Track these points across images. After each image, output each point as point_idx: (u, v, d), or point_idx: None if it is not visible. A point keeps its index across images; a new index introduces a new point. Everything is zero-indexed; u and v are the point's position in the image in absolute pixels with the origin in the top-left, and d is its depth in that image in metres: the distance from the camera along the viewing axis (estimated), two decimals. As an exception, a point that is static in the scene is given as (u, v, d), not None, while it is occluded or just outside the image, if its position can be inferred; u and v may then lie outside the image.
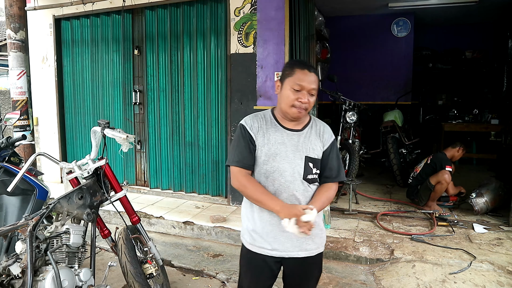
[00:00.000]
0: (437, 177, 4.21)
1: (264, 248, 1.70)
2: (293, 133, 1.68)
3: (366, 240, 3.52)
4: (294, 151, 1.65)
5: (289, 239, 1.67)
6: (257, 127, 1.68)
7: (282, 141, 1.66)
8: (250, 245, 1.75)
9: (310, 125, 1.73)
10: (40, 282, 1.73)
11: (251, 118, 1.72)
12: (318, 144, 1.70)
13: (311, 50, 4.09)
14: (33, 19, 5.22)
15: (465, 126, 6.49)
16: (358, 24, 7.09)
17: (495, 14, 6.74)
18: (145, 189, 5.09)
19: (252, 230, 1.73)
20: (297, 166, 1.64)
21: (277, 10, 4.07)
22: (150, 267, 2.42)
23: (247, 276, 1.80)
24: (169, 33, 4.71)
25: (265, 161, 1.66)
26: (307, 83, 1.60)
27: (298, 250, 1.70)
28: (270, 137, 1.67)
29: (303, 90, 1.60)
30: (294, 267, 1.74)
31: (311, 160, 1.66)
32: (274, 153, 1.65)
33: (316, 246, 1.73)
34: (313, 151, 1.68)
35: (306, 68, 1.62)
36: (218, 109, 4.59)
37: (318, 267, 1.81)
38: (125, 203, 2.49)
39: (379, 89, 7.18)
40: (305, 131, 1.70)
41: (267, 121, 1.71)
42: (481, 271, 2.97)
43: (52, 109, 5.52)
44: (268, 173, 1.66)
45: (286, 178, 1.64)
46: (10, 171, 2.68)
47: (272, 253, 1.70)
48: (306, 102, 1.60)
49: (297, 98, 1.60)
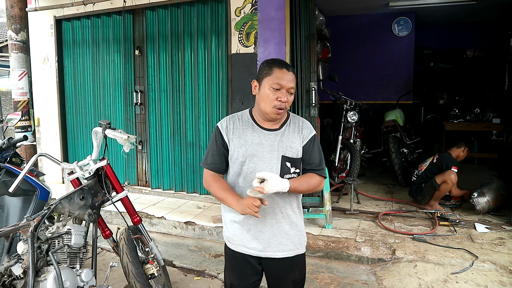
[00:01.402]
0: (443, 177, 4.20)
1: (243, 246, 1.73)
2: (270, 132, 1.68)
3: (367, 240, 3.51)
4: (270, 151, 1.65)
5: (266, 239, 1.69)
6: (232, 128, 1.69)
7: (259, 142, 1.66)
8: (229, 243, 1.78)
9: (288, 123, 1.71)
10: (42, 282, 1.73)
11: (227, 120, 1.73)
12: (297, 141, 1.68)
13: (312, 50, 4.08)
14: (34, 20, 5.23)
15: (467, 126, 6.48)
16: (358, 23, 7.08)
17: (496, 13, 6.72)
18: (146, 190, 5.09)
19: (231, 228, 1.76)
20: (274, 166, 1.65)
21: (278, 10, 4.06)
22: (151, 267, 2.42)
23: (231, 274, 1.83)
24: (170, 33, 4.71)
25: (242, 162, 1.67)
26: (286, 82, 1.59)
27: (275, 250, 1.70)
28: (247, 138, 1.67)
29: (282, 89, 1.60)
30: (272, 268, 1.75)
31: (288, 160, 1.66)
32: (251, 154, 1.65)
33: (294, 246, 1.73)
34: (291, 149, 1.66)
35: (284, 67, 1.62)
36: (219, 109, 4.59)
37: (299, 269, 1.78)
38: (126, 203, 2.49)
39: (380, 88, 7.18)
40: (282, 130, 1.69)
41: (244, 122, 1.71)
42: (483, 271, 2.96)
43: (53, 110, 5.53)
44: (246, 174, 1.67)
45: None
46: (11, 172, 2.68)
47: (250, 252, 1.72)
48: (285, 101, 1.60)
49: (277, 97, 1.59)
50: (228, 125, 1.70)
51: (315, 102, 4.07)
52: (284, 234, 1.71)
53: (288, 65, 1.65)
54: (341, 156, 5.04)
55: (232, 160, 1.69)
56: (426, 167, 4.51)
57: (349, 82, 6.80)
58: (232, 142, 1.68)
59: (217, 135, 1.71)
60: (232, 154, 1.69)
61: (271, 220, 1.69)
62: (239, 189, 1.70)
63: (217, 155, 1.71)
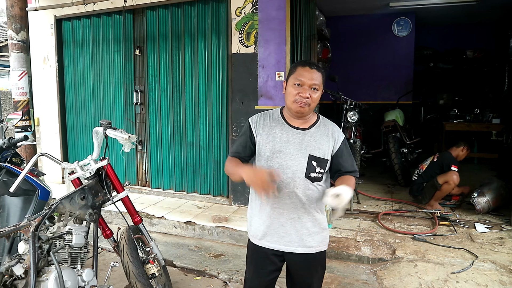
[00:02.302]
0: (446, 177, 4.20)
1: (265, 240, 1.75)
2: (299, 131, 1.71)
3: (368, 240, 3.51)
4: (298, 149, 1.69)
5: (288, 233, 1.72)
6: (261, 124, 1.74)
7: (287, 139, 1.70)
8: (252, 237, 1.81)
9: (318, 125, 1.75)
10: (43, 282, 1.73)
11: (258, 116, 1.79)
12: (326, 144, 1.71)
13: (312, 50, 4.09)
14: (34, 19, 5.22)
15: (466, 126, 6.49)
16: (359, 23, 7.08)
17: (496, 13, 6.73)
18: (146, 189, 5.09)
19: (254, 223, 1.80)
20: (300, 164, 1.68)
21: (278, 10, 4.07)
22: (152, 267, 2.42)
23: (250, 268, 1.85)
24: (170, 33, 4.71)
25: (269, 157, 1.70)
26: (308, 79, 1.63)
27: (297, 246, 1.73)
28: (276, 135, 1.71)
29: (304, 85, 1.63)
30: (295, 263, 1.78)
31: (314, 159, 1.68)
32: (278, 150, 1.69)
33: (316, 244, 1.75)
34: (318, 150, 1.69)
35: (307, 65, 1.66)
36: (219, 109, 4.59)
37: (321, 265, 1.82)
38: (127, 203, 2.49)
39: (380, 88, 7.18)
40: (312, 130, 1.72)
41: (274, 119, 1.75)
42: (483, 270, 2.97)
43: (54, 110, 5.53)
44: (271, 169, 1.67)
45: (288, 175, 1.68)
46: (12, 172, 2.68)
47: (273, 246, 1.75)
48: (307, 97, 1.63)
49: (298, 92, 1.64)
50: (258, 120, 1.76)
51: (315, 102, 4.06)
52: (306, 230, 1.73)
53: (313, 63, 1.69)
54: (341, 156, 5.03)
55: (259, 155, 1.73)
56: (427, 166, 4.52)
57: (349, 82, 6.80)
58: (261, 137, 1.72)
59: (246, 128, 1.77)
60: (259, 149, 1.73)
61: (293, 215, 1.71)
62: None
63: (241, 145, 1.76)
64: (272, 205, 1.71)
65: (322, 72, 1.70)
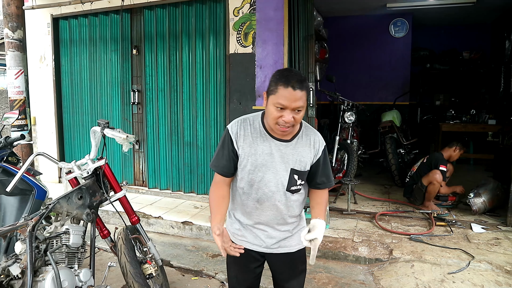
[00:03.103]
0: (428, 178, 4.23)
1: (246, 242, 1.76)
2: (281, 143, 1.64)
3: (365, 240, 3.52)
4: (280, 162, 1.64)
5: (270, 238, 1.74)
6: (242, 135, 1.65)
7: (269, 152, 1.63)
8: (233, 237, 1.80)
9: (300, 135, 1.67)
10: (40, 282, 1.72)
11: (238, 125, 1.67)
12: (308, 155, 1.66)
13: (310, 50, 4.09)
14: (31, 18, 5.20)
15: (463, 127, 6.52)
16: (356, 24, 7.10)
17: (493, 15, 6.77)
18: (143, 189, 5.08)
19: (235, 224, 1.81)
20: (282, 178, 1.65)
21: (276, 10, 4.07)
22: (149, 267, 2.42)
23: (234, 267, 1.85)
24: (168, 33, 4.70)
25: (251, 171, 1.65)
26: (290, 102, 1.48)
27: (277, 247, 1.76)
28: (258, 148, 1.64)
29: (287, 109, 1.50)
30: (277, 263, 1.80)
31: (296, 173, 1.65)
32: (260, 164, 1.64)
33: (295, 243, 1.78)
34: (300, 163, 1.65)
35: (290, 85, 1.47)
36: (216, 109, 4.59)
37: (301, 261, 1.84)
38: (124, 203, 2.49)
39: (377, 89, 7.20)
40: (294, 142, 1.65)
41: (255, 130, 1.66)
42: (480, 270, 2.98)
43: (50, 109, 5.50)
44: (253, 182, 1.67)
45: (270, 188, 1.66)
46: (8, 171, 2.66)
47: (253, 247, 1.76)
48: (289, 121, 1.52)
49: (280, 116, 1.51)
50: (238, 130, 1.66)
51: (313, 102, 4.07)
52: (287, 234, 1.76)
53: (296, 81, 1.48)
54: (338, 157, 5.05)
55: (240, 167, 1.67)
56: (417, 167, 4.54)
57: (346, 82, 6.82)
58: (242, 150, 1.65)
59: (227, 139, 1.67)
60: (241, 162, 1.66)
61: (274, 224, 1.73)
62: (243, 194, 1.71)
63: (225, 160, 1.67)
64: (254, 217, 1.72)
65: (307, 87, 1.53)
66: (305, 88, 1.52)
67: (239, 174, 1.70)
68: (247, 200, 1.71)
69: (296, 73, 1.53)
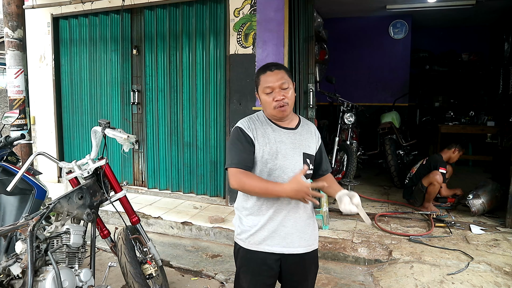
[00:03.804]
0: (429, 179, 4.24)
1: (265, 244, 1.70)
2: (289, 131, 1.74)
3: (364, 241, 3.53)
4: (293, 148, 1.71)
5: (290, 234, 1.71)
6: (253, 128, 1.71)
7: (281, 140, 1.71)
8: (246, 243, 1.74)
9: (302, 124, 1.81)
10: (41, 282, 1.72)
11: (247, 120, 1.75)
12: (312, 141, 1.79)
13: (310, 52, 4.09)
14: (31, 17, 5.19)
15: (462, 128, 6.54)
16: (356, 25, 7.11)
17: (491, 17, 6.79)
18: (143, 189, 5.07)
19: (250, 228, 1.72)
20: (297, 163, 1.70)
21: (277, 11, 4.08)
22: (149, 267, 2.42)
23: (246, 277, 1.77)
24: (168, 33, 4.71)
25: (268, 160, 1.68)
26: (273, 82, 1.65)
27: (297, 246, 1.72)
28: (270, 136, 1.70)
29: (275, 89, 1.66)
30: (292, 264, 1.75)
31: (308, 156, 1.73)
32: (275, 152, 1.69)
33: (311, 241, 1.78)
34: (309, 148, 1.76)
35: (267, 69, 1.69)
36: (216, 110, 4.59)
37: (315, 263, 1.84)
38: (125, 203, 2.49)
39: (376, 90, 7.22)
40: (299, 129, 1.77)
41: (262, 122, 1.75)
42: (479, 272, 2.99)
43: (50, 108, 5.49)
44: (271, 171, 1.68)
45: (288, 174, 1.67)
46: (8, 171, 2.66)
47: (273, 249, 1.70)
48: (282, 98, 1.65)
49: (273, 98, 1.66)
50: (249, 124, 1.72)
51: (312, 103, 4.08)
52: (305, 228, 1.75)
53: (272, 64, 1.71)
54: (337, 158, 5.06)
55: (257, 159, 1.69)
56: (416, 169, 4.55)
57: (346, 84, 6.83)
58: (257, 141, 1.69)
59: (240, 134, 1.69)
60: (257, 153, 1.69)
61: (295, 215, 1.72)
62: None
63: (244, 153, 1.67)
64: (275, 207, 1.69)
65: (285, 68, 1.72)
66: (282, 67, 1.71)
67: (257, 167, 1.70)
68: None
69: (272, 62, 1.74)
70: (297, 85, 4.10)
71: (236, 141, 1.70)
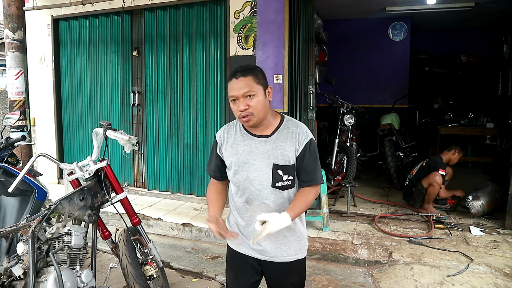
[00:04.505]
0: (428, 180, 4.25)
1: (243, 246, 1.75)
2: (261, 139, 1.64)
3: (364, 243, 3.53)
4: (262, 158, 1.63)
5: (265, 244, 1.68)
6: (225, 138, 1.71)
7: (250, 150, 1.64)
8: (231, 242, 1.80)
9: (281, 129, 1.65)
10: (42, 283, 1.73)
11: (223, 129, 1.76)
12: (290, 148, 1.62)
13: (310, 53, 4.11)
14: (31, 19, 5.19)
15: (461, 130, 6.54)
16: (355, 27, 7.13)
17: (491, 19, 6.82)
18: (143, 191, 5.07)
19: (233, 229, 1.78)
20: (265, 174, 1.62)
21: (277, 13, 4.09)
22: (150, 268, 2.42)
23: (231, 274, 1.84)
24: (169, 35, 4.71)
25: (236, 171, 1.67)
26: (237, 91, 1.55)
27: (273, 255, 1.70)
28: (239, 147, 1.66)
29: (238, 99, 1.56)
30: (271, 271, 1.75)
31: (279, 168, 1.62)
32: (242, 163, 1.65)
33: (293, 252, 1.71)
34: (282, 157, 1.62)
35: (233, 77, 1.58)
36: (217, 111, 4.60)
37: (298, 273, 1.77)
38: (126, 204, 2.49)
39: (376, 92, 7.22)
40: (274, 137, 1.64)
41: (236, 131, 1.71)
42: (478, 273, 3.00)
43: (50, 110, 5.49)
44: (239, 182, 1.67)
45: (256, 186, 1.64)
46: (8, 172, 2.67)
47: (249, 253, 1.74)
48: (245, 108, 1.55)
49: (237, 108, 1.57)
50: (222, 135, 1.73)
51: (312, 105, 4.09)
52: (283, 239, 1.69)
53: (239, 71, 1.58)
54: (337, 159, 5.06)
55: (227, 170, 1.72)
56: (416, 171, 4.56)
57: (346, 85, 6.83)
58: (226, 152, 1.70)
59: (214, 145, 1.76)
60: (226, 162, 1.72)
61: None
62: (235, 196, 1.73)
63: (214, 164, 1.78)
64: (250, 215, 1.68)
65: (255, 73, 1.58)
66: (249, 73, 1.56)
67: (229, 177, 1.73)
68: (238, 202, 1.72)
69: (243, 65, 1.62)
70: (297, 87, 4.11)
71: (212, 149, 1.79)
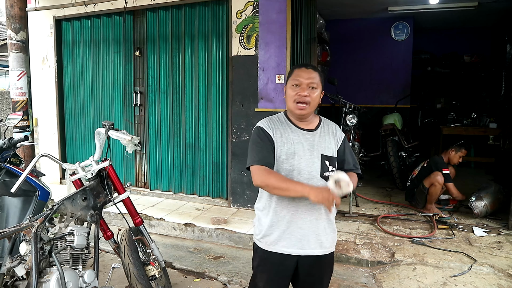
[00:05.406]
0: (430, 180, 4.24)
1: (280, 246, 1.71)
2: (308, 132, 1.75)
3: (367, 243, 3.52)
4: (310, 150, 1.71)
5: (306, 236, 1.70)
6: (273, 128, 1.74)
7: (299, 141, 1.72)
8: (262, 243, 1.75)
9: (322, 125, 1.80)
10: (45, 283, 1.73)
11: (267, 120, 1.78)
12: (332, 142, 1.77)
13: (312, 53, 4.11)
14: (33, 20, 5.21)
15: (464, 130, 6.51)
16: (357, 27, 7.12)
17: (493, 19, 6.79)
18: (145, 191, 5.08)
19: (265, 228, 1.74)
20: (314, 165, 1.70)
21: (279, 13, 4.09)
22: (153, 269, 2.42)
23: (263, 276, 1.79)
24: (171, 35, 4.72)
25: (285, 160, 1.70)
26: (304, 78, 1.68)
27: (313, 247, 1.72)
28: (288, 137, 1.72)
29: (302, 85, 1.68)
30: (309, 266, 1.75)
31: (326, 158, 1.72)
32: (292, 152, 1.70)
33: (329, 244, 1.77)
34: (328, 149, 1.74)
35: (303, 66, 1.74)
36: (219, 111, 4.60)
37: (331, 266, 1.85)
38: (128, 204, 2.49)
39: (378, 92, 7.21)
40: (319, 131, 1.77)
41: (282, 123, 1.77)
42: (482, 274, 2.98)
43: (52, 110, 5.51)
44: (287, 172, 1.69)
45: (304, 176, 1.68)
46: (11, 172, 2.67)
47: (289, 251, 1.71)
48: (305, 95, 1.67)
49: (297, 92, 1.68)
50: (269, 124, 1.75)
51: (315, 105, 4.08)
52: (323, 231, 1.73)
53: (309, 64, 1.78)
54: (339, 159, 5.05)
55: (275, 158, 1.71)
56: (418, 171, 4.55)
57: (348, 85, 6.83)
58: (276, 140, 1.72)
59: (261, 133, 1.72)
60: (276, 152, 1.71)
61: (311, 217, 1.70)
62: None
63: (265, 151, 1.69)
64: (291, 208, 1.69)
65: (320, 73, 1.74)
66: (317, 70, 1.73)
67: (274, 167, 1.71)
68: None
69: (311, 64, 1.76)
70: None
71: (258, 139, 1.72)
